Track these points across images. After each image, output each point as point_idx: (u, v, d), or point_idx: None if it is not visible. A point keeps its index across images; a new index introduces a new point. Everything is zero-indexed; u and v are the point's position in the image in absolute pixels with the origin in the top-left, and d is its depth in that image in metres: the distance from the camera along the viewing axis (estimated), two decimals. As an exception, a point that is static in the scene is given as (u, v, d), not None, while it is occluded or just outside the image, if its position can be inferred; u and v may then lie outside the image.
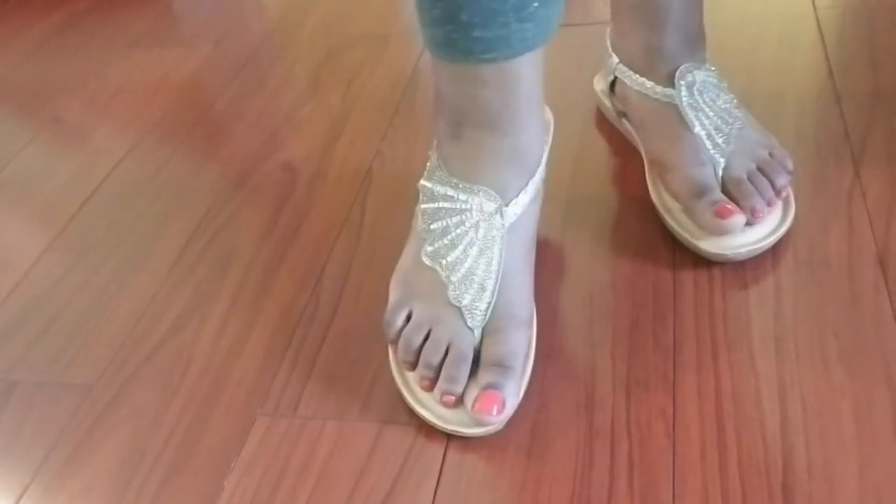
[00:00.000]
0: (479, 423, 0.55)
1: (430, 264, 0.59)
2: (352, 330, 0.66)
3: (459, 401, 0.56)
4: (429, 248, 0.59)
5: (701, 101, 0.68)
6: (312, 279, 0.72)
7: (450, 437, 0.57)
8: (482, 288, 0.57)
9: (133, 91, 1.06)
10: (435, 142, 0.62)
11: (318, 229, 0.77)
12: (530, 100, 0.57)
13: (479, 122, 0.57)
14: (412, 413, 0.58)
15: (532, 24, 0.53)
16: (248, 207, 0.82)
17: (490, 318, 0.57)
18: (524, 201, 0.60)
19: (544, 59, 0.57)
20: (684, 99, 0.68)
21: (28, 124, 1.05)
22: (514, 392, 0.56)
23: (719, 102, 0.68)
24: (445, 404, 0.56)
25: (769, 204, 0.64)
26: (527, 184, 0.60)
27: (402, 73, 0.97)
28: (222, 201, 0.84)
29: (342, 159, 0.86)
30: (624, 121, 0.77)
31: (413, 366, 0.58)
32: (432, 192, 0.60)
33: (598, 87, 0.82)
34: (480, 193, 0.58)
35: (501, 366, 0.56)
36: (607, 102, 0.79)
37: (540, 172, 0.61)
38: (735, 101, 0.69)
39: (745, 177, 0.65)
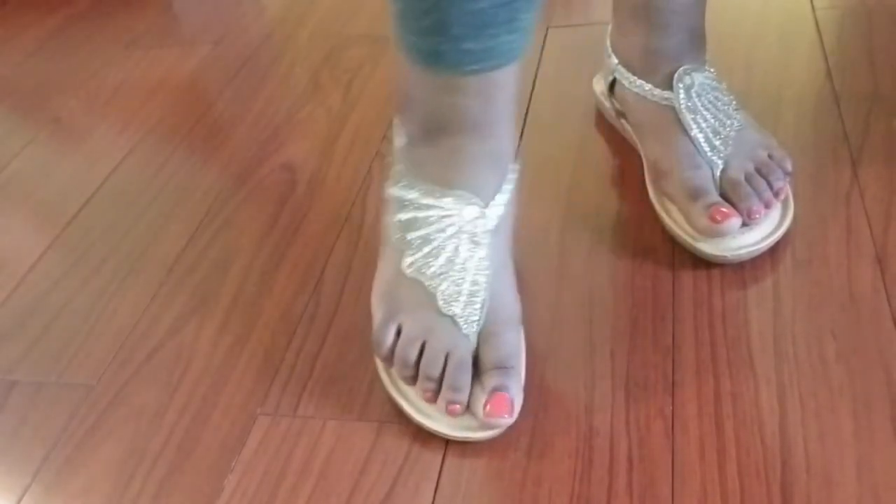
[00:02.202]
0: (489, 427, 0.55)
1: (413, 276, 0.57)
2: (352, 330, 0.66)
3: (465, 408, 0.55)
4: (409, 260, 0.57)
5: (699, 104, 0.68)
6: (312, 279, 0.72)
7: (450, 435, 0.57)
8: (472, 294, 0.57)
9: (133, 91, 1.06)
10: (397, 145, 0.60)
11: (318, 229, 0.77)
12: (508, 105, 0.57)
13: (457, 128, 0.56)
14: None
15: (518, 35, 0.53)
16: (247, 207, 0.82)
17: (483, 322, 0.57)
18: (502, 201, 0.59)
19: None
20: (682, 101, 0.68)
21: (28, 124, 1.05)
22: (518, 391, 0.56)
23: (717, 104, 0.68)
24: (452, 413, 0.55)
25: (767, 205, 0.64)
26: (502, 184, 0.59)
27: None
28: (222, 201, 0.84)
29: (342, 159, 0.86)
30: (623, 121, 0.78)
31: (413, 380, 0.57)
32: (405, 201, 0.58)
33: (598, 87, 0.82)
34: (461, 199, 0.57)
35: (503, 367, 0.56)
36: (606, 103, 0.79)
37: (513, 171, 0.60)
38: (734, 102, 0.69)
39: (742, 179, 0.65)
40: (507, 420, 0.54)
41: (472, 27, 0.50)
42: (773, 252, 0.65)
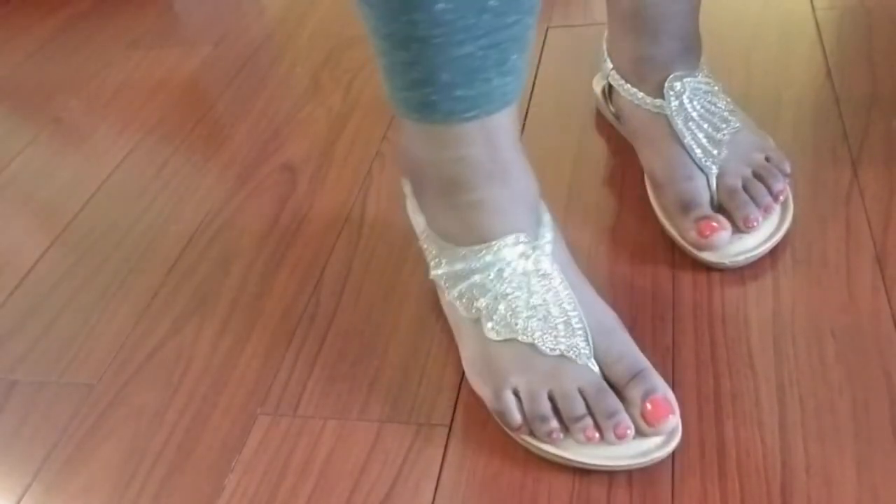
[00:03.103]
0: (662, 433, 0.51)
1: (502, 338, 0.54)
2: (352, 330, 0.67)
3: (633, 429, 0.51)
4: (489, 325, 0.54)
5: (691, 110, 0.67)
6: (312, 279, 0.72)
7: (450, 435, 0.57)
8: (567, 323, 0.54)
9: (133, 91, 1.07)
10: (422, 228, 0.58)
11: (318, 229, 0.78)
12: (516, 145, 0.55)
13: (472, 183, 0.54)
14: (412, 412, 0.58)
15: (512, 77, 0.51)
16: (248, 208, 0.82)
17: (593, 342, 0.54)
18: (548, 222, 0.57)
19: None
20: (674, 109, 0.67)
21: (29, 124, 1.05)
22: (665, 387, 0.53)
23: (711, 108, 0.68)
24: (621, 437, 0.51)
25: (766, 211, 0.64)
26: (539, 225, 0.57)
27: (402, 74, 0.98)
28: (222, 201, 0.84)
29: (342, 159, 0.86)
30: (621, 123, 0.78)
31: (564, 431, 0.52)
32: (455, 275, 0.56)
33: (598, 88, 0.82)
34: (507, 243, 0.54)
35: (636, 374, 0.53)
36: (604, 105, 0.80)
37: (545, 210, 0.59)
38: (729, 103, 0.69)
39: (739, 185, 0.64)
40: (673, 419, 0.51)
41: (461, 73, 0.49)
42: (773, 252, 0.65)
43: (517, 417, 0.53)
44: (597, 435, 0.51)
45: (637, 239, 0.69)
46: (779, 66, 0.85)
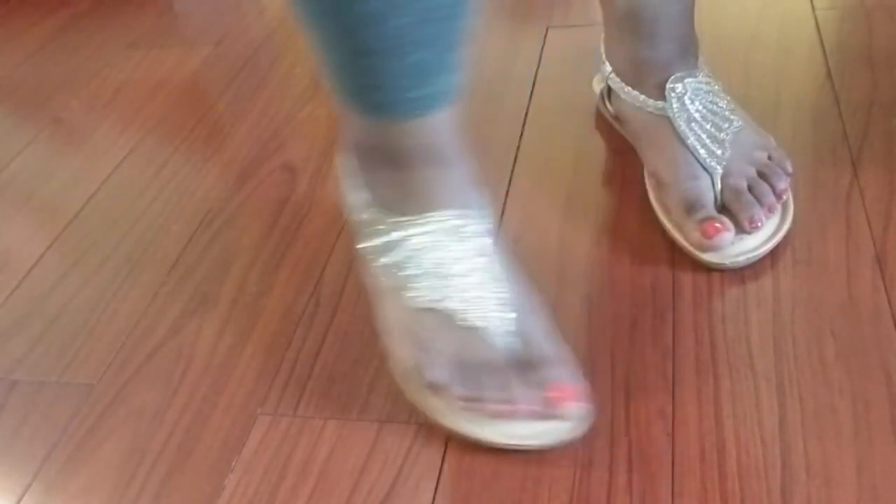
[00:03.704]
0: (566, 417, 0.53)
1: (425, 306, 0.56)
2: (352, 330, 0.67)
3: (532, 410, 0.52)
4: (414, 292, 0.56)
5: (693, 111, 0.67)
6: (312, 279, 0.72)
7: (450, 435, 0.57)
8: (490, 299, 0.55)
9: (133, 91, 1.07)
10: (362, 202, 0.59)
11: (318, 229, 0.78)
12: (454, 133, 0.56)
13: (414, 166, 0.55)
14: (412, 412, 0.58)
15: (459, 74, 0.52)
16: (248, 208, 0.82)
17: (514, 322, 0.56)
18: (486, 206, 0.58)
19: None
20: (675, 111, 0.67)
21: (28, 124, 1.05)
22: (573, 373, 0.54)
23: (713, 108, 0.68)
24: (515, 415, 0.52)
25: (770, 210, 0.64)
26: (477, 205, 0.58)
27: (402, 74, 0.98)
28: (223, 201, 0.84)
29: (342, 160, 0.86)
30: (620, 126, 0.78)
31: (465, 400, 0.54)
32: (389, 244, 0.57)
33: (596, 89, 0.82)
34: (441, 219, 0.56)
35: (551, 358, 0.54)
36: (604, 107, 0.80)
37: (482, 195, 0.59)
38: (730, 102, 0.69)
39: (744, 186, 0.65)
40: (576, 406, 0.53)
41: (415, 77, 0.50)
42: (773, 252, 0.65)
43: (438, 377, 0.54)
44: (493, 408, 0.53)
45: (637, 239, 0.69)
46: (778, 66, 0.85)
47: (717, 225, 0.62)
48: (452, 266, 0.56)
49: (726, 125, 0.67)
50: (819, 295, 0.62)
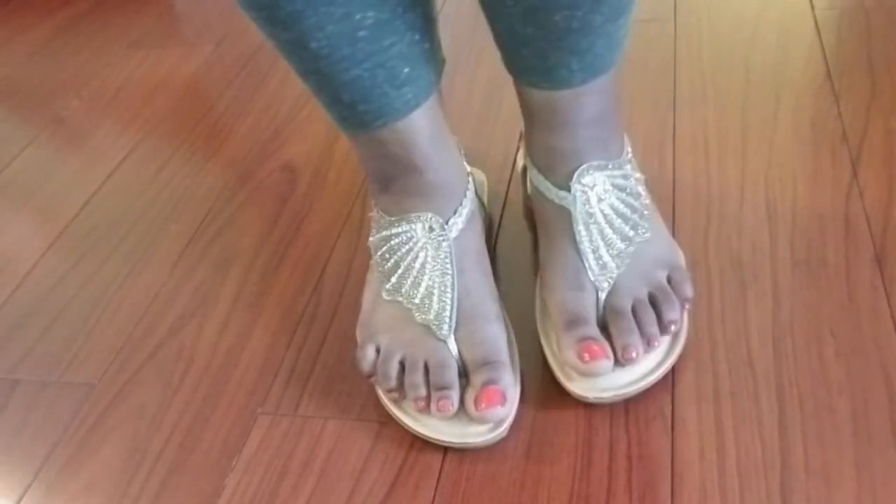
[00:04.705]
0: (486, 420, 0.55)
1: (390, 299, 0.60)
2: (352, 330, 0.66)
3: (459, 408, 0.55)
4: (387, 286, 0.60)
5: (597, 210, 0.59)
6: (313, 279, 0.72)
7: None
8: (442, 297, 0.58)
9: (134, 91, 1.07)
10: (372, 202, 0.64)
11: (318, 229, 0.78)
12: (436, 141, 0.58)
13: (398, 172, 0.59)
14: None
15: (409, 87, 0.55)
16: (248, 208, 0.82)
17: (459, 323, 0.57)
18: (464, 214, 0.60)
19: (441, 102, 0.59)
20: (578, 207, 0.59)
21: (30, 124, 1.05)
22: (511, 383, 0.56)
23: (622, 210, 0.59)
24: (443, 410, 0.54)
25: (648, 343, 0.56)
26: (461, 203, 0.61)
27: (403, 74, 0.98)
28: (223, 201, 0.84)
29: (342, 159, 0.86)
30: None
31: (400, 395, 0.57)
32: (379, 240, 0.61)
33: (519, 164, 0.72)
34: (420, 219, 0.60)
35: (489, 363, 0.56)
36: (523, 184, 0.70)
37: (470, 193, 0.62)
38: (647, 205, 0.61)
39: (628, 308, 0.57)
40: (501, 411, 0.54)
41: (359, 92, 0.54)
42: (773, 252, 0.65)
43: (365, 367, 0.58)
44: (424, 406, 0.56)
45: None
46: (778, 66, 0.85)
47: (596, 348, 0.55)
48: (415, 266, 0.59)
49: (632, 233, 0.59)
50: (818, 294, 0.62)
